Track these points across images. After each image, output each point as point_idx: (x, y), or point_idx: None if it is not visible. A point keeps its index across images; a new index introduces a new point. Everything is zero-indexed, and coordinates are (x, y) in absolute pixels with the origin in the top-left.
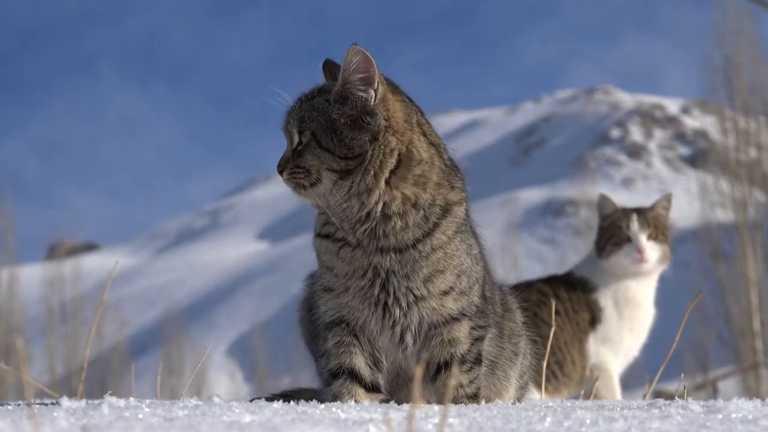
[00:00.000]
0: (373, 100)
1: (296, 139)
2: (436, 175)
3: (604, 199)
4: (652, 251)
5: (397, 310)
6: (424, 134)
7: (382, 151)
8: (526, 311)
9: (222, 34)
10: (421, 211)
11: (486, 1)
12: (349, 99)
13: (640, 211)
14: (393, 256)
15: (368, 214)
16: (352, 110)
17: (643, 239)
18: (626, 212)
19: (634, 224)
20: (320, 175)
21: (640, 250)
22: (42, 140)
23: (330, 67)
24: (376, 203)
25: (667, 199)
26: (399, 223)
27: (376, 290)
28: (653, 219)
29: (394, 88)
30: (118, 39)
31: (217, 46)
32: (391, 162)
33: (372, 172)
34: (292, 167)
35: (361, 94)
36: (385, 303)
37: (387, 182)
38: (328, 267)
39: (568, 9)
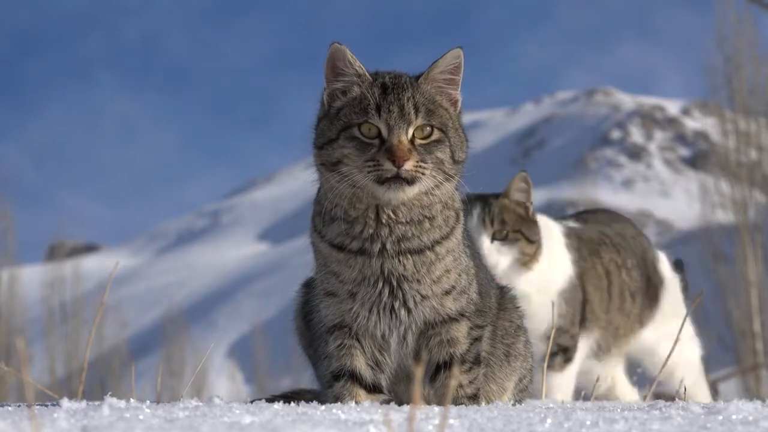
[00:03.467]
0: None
1: (426, 131)
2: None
3: None
4: (500, 255)
5: (403, 311)
6: None
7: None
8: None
9: (218, 38)
10: (446, 213)
11: (481, 6)
12: (458, 102)
13: (485, 202)
14: (410, 258)
15: (418, 219)
16: (458, 115)
17: (485, 241)
18: (469, 201)
19: (473, 221)
20: (431, 173)
21: None
22: (39, 144)
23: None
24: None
25: (523, 179)
26: (428, 225)
27: (385, 296)
28: (500, 212)
29: None
30: (114, 43)
31: (213, 50)
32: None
33: (456, 181)
34: (419, 161)
35: (460, 98)
36: (392, 306)
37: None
38: (334, 273)
39: (564, 13)
